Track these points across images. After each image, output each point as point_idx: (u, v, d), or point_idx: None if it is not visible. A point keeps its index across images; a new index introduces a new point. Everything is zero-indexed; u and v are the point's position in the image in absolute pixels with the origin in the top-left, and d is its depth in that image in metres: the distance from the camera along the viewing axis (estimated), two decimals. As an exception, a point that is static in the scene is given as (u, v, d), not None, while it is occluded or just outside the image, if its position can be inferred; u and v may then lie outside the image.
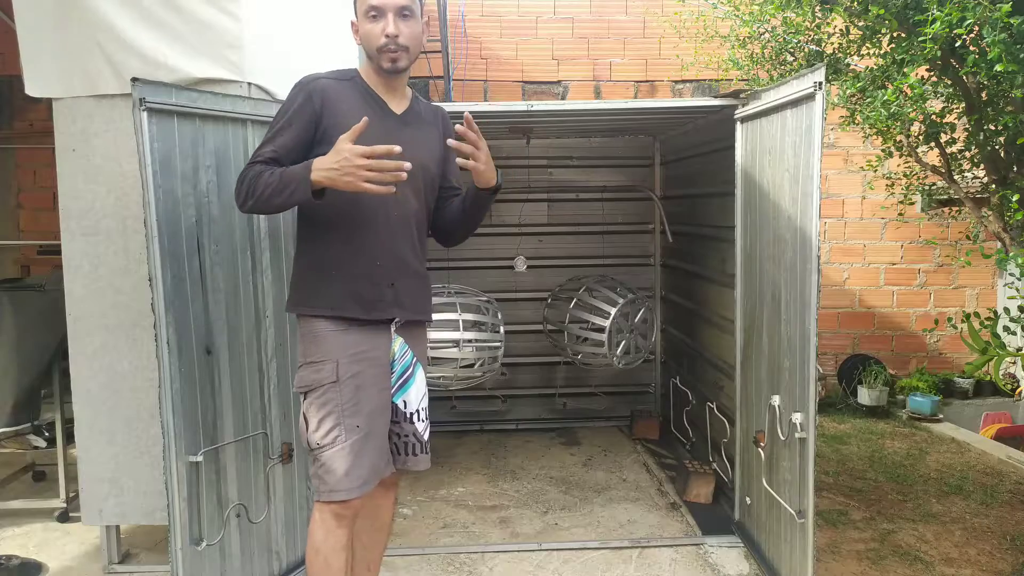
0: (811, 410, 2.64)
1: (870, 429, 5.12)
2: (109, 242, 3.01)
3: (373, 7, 2.13)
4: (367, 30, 2.16)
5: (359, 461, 2.15)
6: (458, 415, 5.22)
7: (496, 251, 5.12)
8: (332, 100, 2.16)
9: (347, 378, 2.15)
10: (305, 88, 2.17)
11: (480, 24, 5.69)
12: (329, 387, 2.15)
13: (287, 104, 2.18)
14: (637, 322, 4.51)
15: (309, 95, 2.15)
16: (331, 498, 2.14)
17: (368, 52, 2.20)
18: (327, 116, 2.15)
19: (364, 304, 2.19)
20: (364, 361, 2.19)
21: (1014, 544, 3.36)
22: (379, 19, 2.14)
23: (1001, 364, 4.13)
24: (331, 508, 2.16)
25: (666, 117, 4.30)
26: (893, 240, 5.85)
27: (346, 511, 2.17)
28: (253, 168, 2.12)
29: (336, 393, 2.15)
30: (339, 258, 2.19)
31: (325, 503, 2.17)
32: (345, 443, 2.14)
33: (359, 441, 2.15)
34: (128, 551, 3.29)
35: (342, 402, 2.15)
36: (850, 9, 3.42)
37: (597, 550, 3.33)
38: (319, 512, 2.18)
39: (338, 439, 2.14)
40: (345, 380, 2.15)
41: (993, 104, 3.28)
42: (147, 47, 2.83)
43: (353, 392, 2.16)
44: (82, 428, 3.06)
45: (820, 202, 2.59)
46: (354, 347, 2.18)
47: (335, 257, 2.19)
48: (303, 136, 2.15)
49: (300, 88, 2.18)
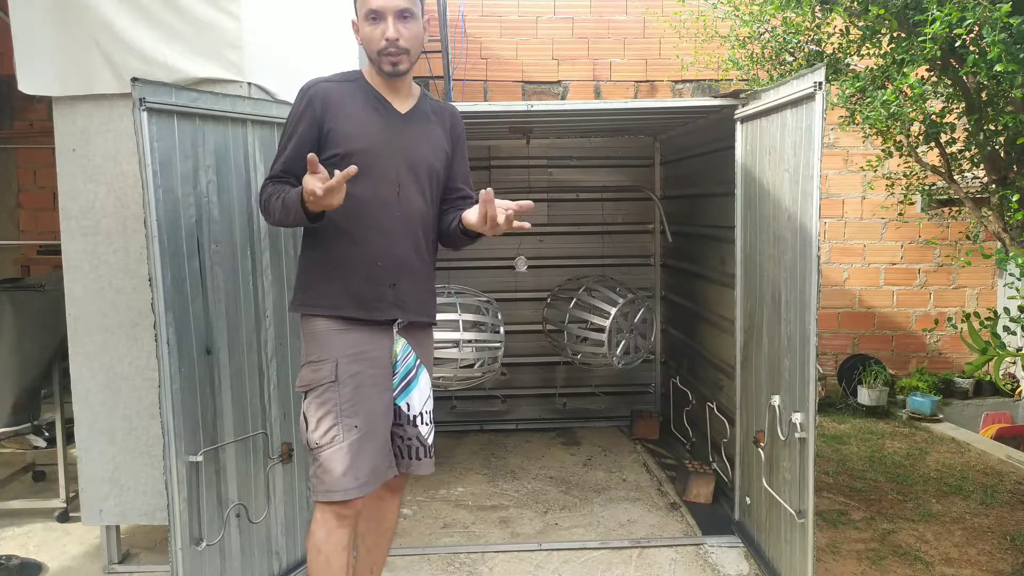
0: (811, 410, 2.64)
1: (870, 429, 5.12)
2: (109, 242, 3.01)
3: (373, 11, 2.12)
4: (367, 33, 2.16)
5: (357, 461, 2.14)
6: (458, 415, 5.22)
7: (496, 251, 5.12)
8: (333, 103, 2.16)
9: (346, 378, 2.15)
10: (306, 94, 2.19)
11: (480, 24, 5.69)
12: (328, 386, 2.15)
13: (291, 112, 2.22)
14: (637, 322, 4.51)
15: (310, 100, 2.17)
16: (328, 498, 2.14)
17: (369, 55, 2.20)
18: (329, 119, 2.15)
19: (364, 304, 2.18)
20: (364, 361, 2.18)
21: (1014, 544, 3.36)
22: (379, 22, 2.13)
23: (1001, 364, 4.14)
24: (332, 508, 2.16)
25: (666, 117, 4.30)
26: (893, 240, 5.85)
27: (347, 511, 2.17)
28: (266, 189, 2.20)
29: (335, 393, 2.14)
30: (340, 258, 2.19)
31: (324, 503, 2.17)
32: (343, 443, 2.13)
33: (357, 441, 2.15)
34: (128, 551, 3.29)
35: (340, 402, 2.14)
36: (850, 9, 3.42)
37: (597, 550, 3.33)
38: (320, 512, 2.18)
39: (336, 439, 2.13)
40: (344, 380, 2.15)
41: (993, 104, 3.28)
42: (147, 47, 2.83)
43: (352, 392, 2.15)
44: (82, 428, 3.06)
45: (820, 202, 2.59)
46: (354, 347, 2.17)
47: (336, 257, 2.19)
48: (308, 142, 2.16)
49: (302, 94, 2.20)
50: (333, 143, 2.15)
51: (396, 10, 2.11)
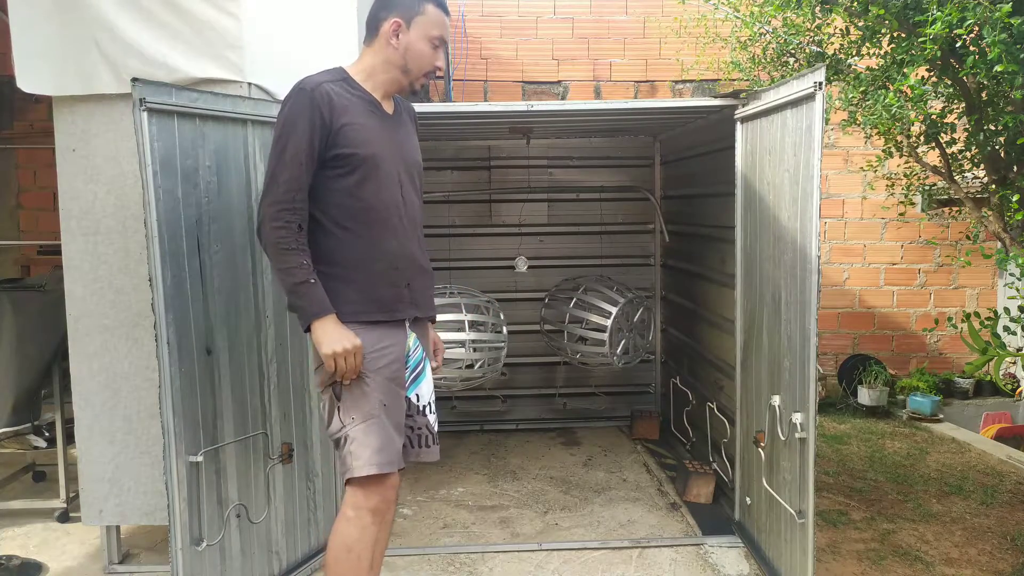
0: (811, 410, 2.64)
1: (870, 429, 5.12)
2: (109, 242, 3.01)
3: (441, 39, 2.25)
4: (423, 51, 2.22)
5: (389, 443, 2.17)
6: (458, 415, 5.22)
7: (497, 251, 5.13)
8: (339, 106, 2.14)
9: (371, 372, 2.17)
10: (311, 98, 2.10)
11: (480, 24, 5.69)
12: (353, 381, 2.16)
13: (289, 113, 2.11)
14: (636, 322, 4.51)
15: (316, 105, 2.09)
16: (366, 471, 2.12)
17: (409, 67, 2.24)
18: (336, 120, 2.12)
19: (386, 307, 2.22)
20: (386, 356, 2.22)
21: (1014, 544, 3.36)
22: (439, 49, 2.25)
23: (1001, 364, 4.13)
24: (370, 505, 2.16)
25: (666, 117, 4.30)
26: (893, 240, 5.85)
27: (384, 505, 2.19)
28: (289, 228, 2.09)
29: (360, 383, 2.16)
30: (359, 263, 2.19)
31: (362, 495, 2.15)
32: (379, 416, 2.16)
33: (388, 421, 2.18)
34: (128, 551, 3.29)
35: (369, 388, 2.16)
36: (850, 9, 3.42)
37: (597, 550, 3.33)
38: (354, 510, 2.17)
39: (371, 413, 2.16)
40: (370, 373, 2.17)
41: (993, 104, 3.28)
42: (147, 47, 2.83)
43: (381, 383, 2.19)
44: (82, 428, 3.06)
45: (820, 202, 2.59)
46: (377, 344, 2.20)
47: (354, 262, 2.19)
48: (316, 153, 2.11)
49: (305, 98, 2.10)
50: (343, 143, 2.13)
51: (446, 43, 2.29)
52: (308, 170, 2.11)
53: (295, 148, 2.09)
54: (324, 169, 2.15)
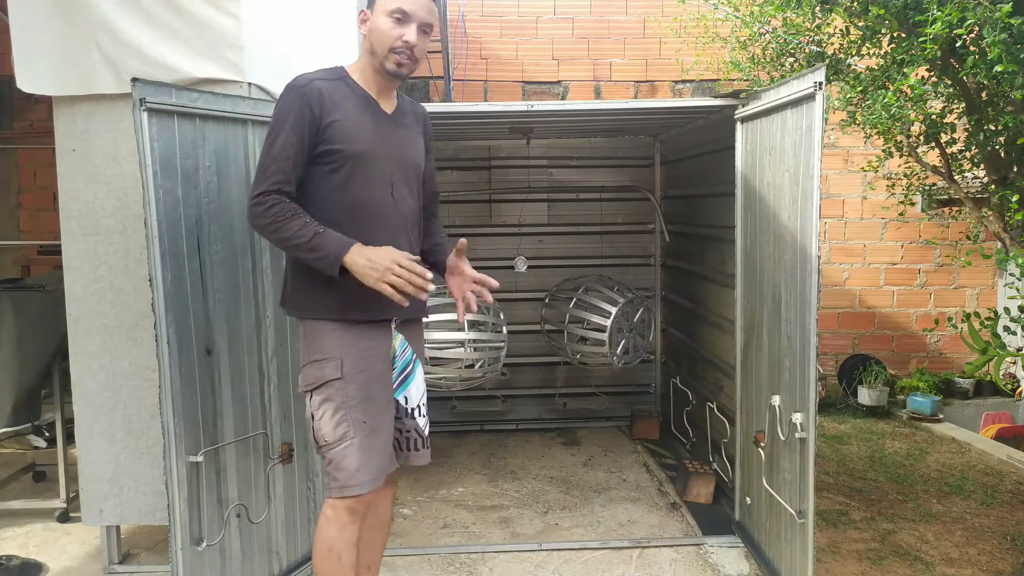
0: (811, 410, 2.64)
1: (870, 429, 5.12)
2: (109, 242, 3.01)
3: (402, 11, 2.12)
4: (384, 28, 2.13)
5: (369, 457, 2.16)
6: (458, 415, 5.22)
7: (496, 251, 5.12)
8: (329, 102, 2.14)
9: (353, 374, 2.16)
10: (301, 94, 2.12)
11: (480, 24, 5.69)
12: (334, 383, 2.15)
13: (281, 109, 2.13)
14: (636, 322, 4.51)
15: (306, 101, 2.11)
16: (344, 493, 2.15)
17: (375, 48, 2.17)
18: (326, 116, 2.13)
19: (367, 306, 2.19)
20: (368, 358, 2.20)
21: (1014, 544, 3.36)
22: (403, 24, 2.14)
23: (1001, 364, 4.14)
24: (345, 504, 2.17)
25: (666, 117, 4.30)
26: (893, 240, 5.85)
27: (359, 506, 2.19)
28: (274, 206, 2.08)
29: (342, 390, 2.15)
30: None
31: (339, 499, 2.17)
32: (354, 439, 2.15)
33: (367, 437, 2.16)
34: (128, 551, 3.29)
35: (348, 398, 2.15)
36: (850, 9, 3.42)
37: (597, 550, 3.33)
38: (332, 509, 2.18)
39: (347, 435, 2.15)
40: (350, 376, 2.16)
41: (993, 104, 3.28)
42: (147, 47, 2.83)
43: (358, 388, 2.16)
44: (82, 428, 3.06)
45: (820, 202, 2.59)
46: (358, 344, 2.18)
47: None
48: (305, 148, 2.12)
49: (296, 94, 2.12)
50: (332, 140, 2.13)
51: (422, 21, 2.16)
52: (296, 164, 2.11)
53: (284, 142, 2.10)
54: (313, 165, 2.15)
